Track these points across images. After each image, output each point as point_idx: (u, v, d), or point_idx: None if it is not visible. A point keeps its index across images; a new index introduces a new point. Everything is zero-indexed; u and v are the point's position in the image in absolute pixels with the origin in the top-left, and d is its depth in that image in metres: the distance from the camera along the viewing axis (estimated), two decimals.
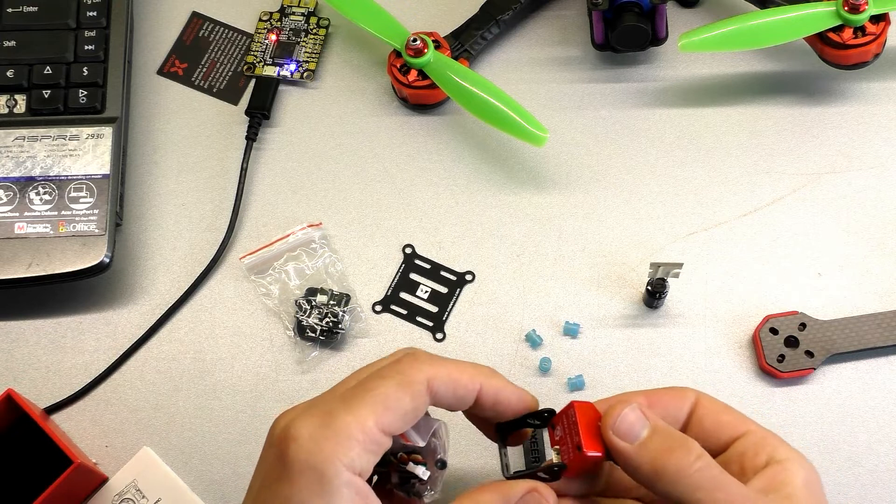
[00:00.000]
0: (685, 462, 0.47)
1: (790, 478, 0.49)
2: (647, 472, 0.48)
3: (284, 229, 0.74)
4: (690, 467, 0.47)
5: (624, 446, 0.48)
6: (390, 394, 0.47)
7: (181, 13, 0.83)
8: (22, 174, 0.73)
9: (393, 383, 0.48)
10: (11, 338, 0.73)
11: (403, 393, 0.48)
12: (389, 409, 0.47)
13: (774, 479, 0.49)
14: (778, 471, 0.49)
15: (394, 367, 0.49)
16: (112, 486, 0.68)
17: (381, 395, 0.47)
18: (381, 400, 0.47)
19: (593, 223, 0.74)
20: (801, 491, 0.48)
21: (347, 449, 0.45)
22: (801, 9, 0.72)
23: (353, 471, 0.46)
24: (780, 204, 0.74)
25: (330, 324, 0.70)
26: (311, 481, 0.45)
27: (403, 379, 0.48)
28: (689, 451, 0.47)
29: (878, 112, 0.76)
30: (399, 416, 0.47)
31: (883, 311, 0.69)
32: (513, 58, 0.80)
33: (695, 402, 0.52)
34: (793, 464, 0.49)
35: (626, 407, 0.49)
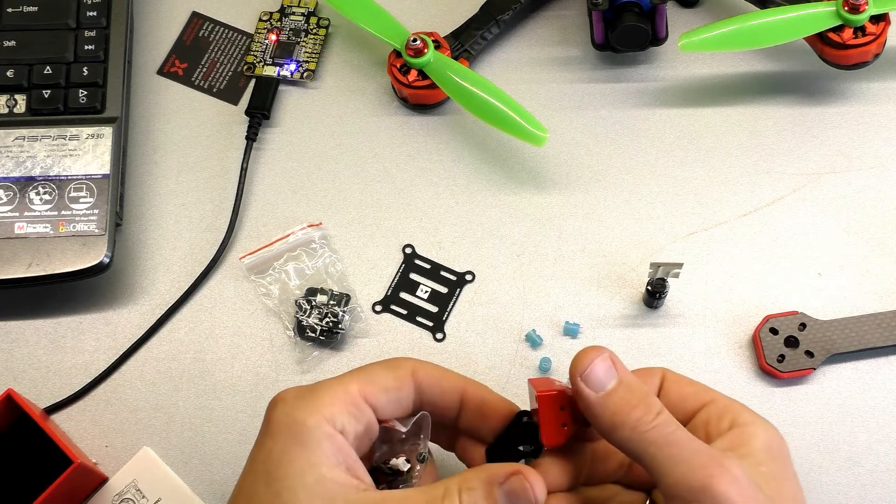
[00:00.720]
0: (644, 418, 0.48)
1: (750, 438, 0.50)
2: (607, 423, 0.49)
3: (284, 229, 0.74)
4: (648, 424, 0.48)
5: (589, 394, 0.49)
6: (375, 370, 0.51)
7: (181, 13, 0.83)
8: (22, 174, 0.73)
9: (379, 364, 0.52)
10: (11, 338, 0.73)
11: (388, 372, 0.51)
12: (373, 382, 0.50)
13: (735, 440, 0.50)
14: (739, 433, 0.50)
15: (383, 361, 0.53)
16: (112, 486, 0.68)
17: (366, 372, 0.51)
18: (366, 374, 0.51)
19: (593, 223, 0.74)
20: (761, 451, 0.49)
21: (329, 405, 0.48)
22: (801, 9, 0.72)
23: (333, 426, 0.48)
24: (780, 204, 0.74)
25: (330, 324, 0.70)
26: (292, 433, 0.47)
27: (390, 362, 0.52)
28: (650, 408, 0.49)
29: (878, 112, 0.76)
30: (381, 388, 0.50)
31: (883, 311, 0.69)
32: (513, 58, 0.80)
33: (662, 377, 0.54)
34: (755, 427, 0.50)
35: (597, 356, 0.50)
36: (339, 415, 0.48)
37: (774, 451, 0.50)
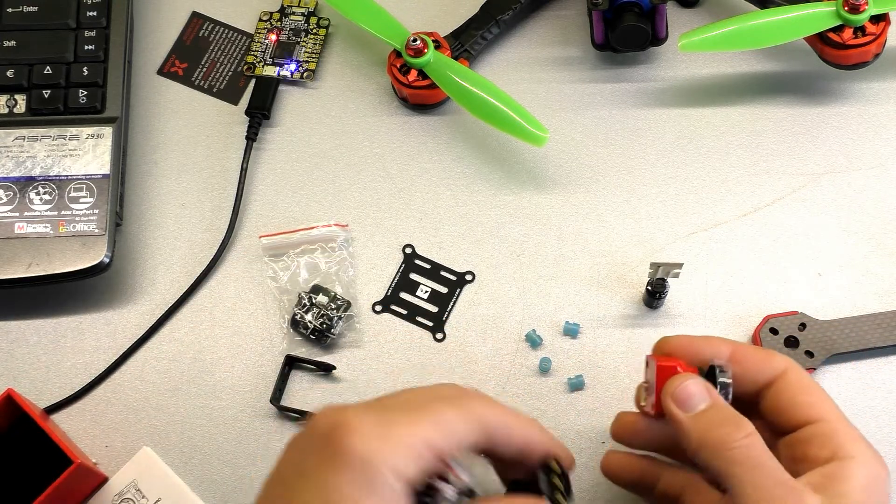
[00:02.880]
0: (731, 436, 0.47)
1: (847, 477, 0.47)
2: (694, 441, 0.48)
3: (284, 229, 0.74)
4: (735, 441, 0.47)
5: (678, 414, 0.49)
6: (448, 416, 0.47)
7: (181, 13, 0.83)
8: (22, 174, 0.73)
9: (451, 407, 0.48)
10: (11, 338, 0.73)
11: (460, 419, 0.47)
12: (443, 430, 0.47)
13: (830, 476, 0.47)
14: (837, 468, 0.48)
15: (455, 392, 0.49)
16: (112, 486, 0.67)
17: (439, 415, 0.47)
18: (439, 420, 0.47)
19: (593, 223, 0.74)
20: (857, 493, 0.47)
21: (400, 455, 0.45)
22: (801, 9, 0.72)
23: (402, 478, 0.45)
24: (780, 204, 0.74)
25: (323, 325, 0.70)
26: (362, 475, 0.44)
27: (462, 405, 0.48)
28: (739, 428, 0.47)
29: (878, 112, 0.76)
30: (450, 438, 0.47)
31: (883, 311, 0.69)
32: (513, 58, 0.80)
33: (781, 373, 0.51)
34: (856, 463, 0.48)
35: (690, 378, 0.49)
36: (411, 465, 0.45)
37: (872, 493, 0.48)
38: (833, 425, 0.50)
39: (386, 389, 0.70)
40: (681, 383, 0.49)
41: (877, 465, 0.49)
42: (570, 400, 0.69)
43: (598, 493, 0.65)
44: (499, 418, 0.49)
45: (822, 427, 0.49)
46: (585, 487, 0.66)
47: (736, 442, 0.47)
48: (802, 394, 0.50)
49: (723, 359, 0.52)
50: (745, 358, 0.52)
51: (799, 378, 0.51)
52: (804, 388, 0.51)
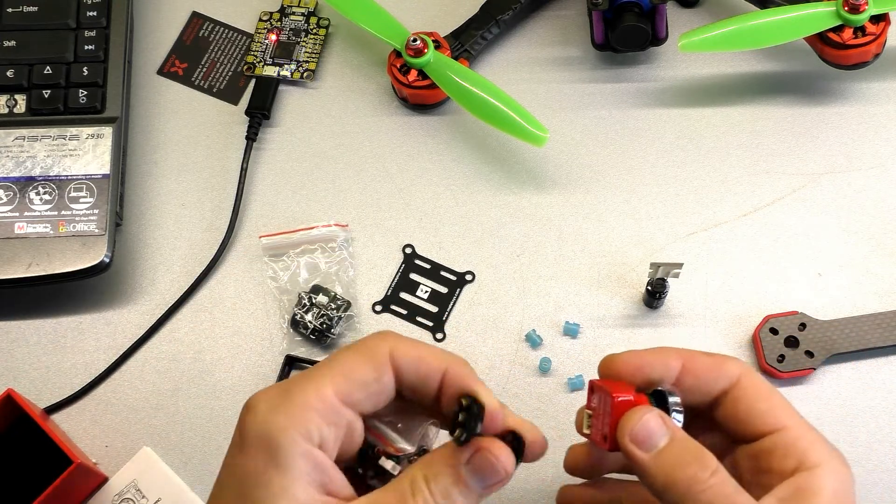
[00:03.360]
0: (699, 477, 0.45)
1: (816, 490, 0.46)
2: (660, 483, 0.46)
3: (284, 229, 0.74)
4: (703, 483, 0.45)
5: (639, 455, 0.47)
6: (350, 363, 0.46)
7: (181, 13, 0.83)
8: (22, 174, 0.73)
9: (353, 353, 0.47)
10: (11, 338, 0.73)
11: (364, 362, 0.46)
12: (349, 378, 0.46)
13: (801, 490, 0.46)
14: (804, 480, 0.46)
15: (359, 342, 0.48)
16: (112, 486, 0.68)
17: (341, 365, 0.46)
18: (340, 369, 0.46)
19: (593, 223, 0.74)
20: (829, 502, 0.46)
21: (304, 419, 0.44)
22: (801, 9, 0.72)
23: (310, 441, 0.44)
24: (780, 204, 0.74)
25: (324, 325, 0.70)
26: (266, 451, 0.44)
27: (365, 350, 0.47)
28: (705, 467, 0.46)
29: (878, 112, 0.76)
30: (359, 385, 0.46)
31: (883, 311, 0.69)
32: (513, 58, 0.80)
33: (735, 381, 0.49)
34: (822, 471, 0.47)
35: (647, 413, 0.47)
36: (315, 427, 0.44)
37: (842, 499, 0.46)
38: (794, 433, 0.48)
39: None
40: (638, 421, 0.47)
41: (842, 467, 0.48)
42: (570, 400, 0.69)
43: None
44: (407, 352, 0.47)
45: (783, 436, 0.48)
46: None
47: (704, 483, 0.45)
48: (760, 401, 0.48)
49: (674, 372, 0.49)
50: (697, 368, 0.49)
51: (754, 384, 0.49)
52: (761, 395, 0.49)
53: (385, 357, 0.47)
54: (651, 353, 0.50)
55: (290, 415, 0.44)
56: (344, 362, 0.46)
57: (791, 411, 0.49)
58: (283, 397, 0.45)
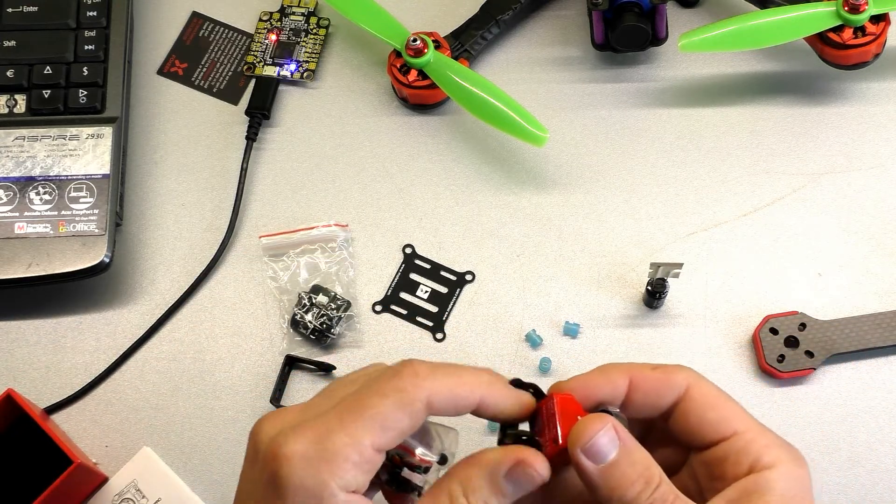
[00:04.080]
0: (643, 494, 0.46)
1: (766, 489, 0.46)
2: (605, 495, 0.46)
3: (284, 229, 0.74)
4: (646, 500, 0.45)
5: (589, 467, 0.46)
6: (388, 414, 0.45)
7: (181, 13, 0.83)
8: (22, 174, 0.73)
9: (391, 403, 0.45)
10: (11, 338, 0.73)
11: (402, 413, 0.45)
12: (387, 429, 0.45)
13: (749, 490, 0.46)
14: (755, 481, 0.46)
15: (393, 384, 0.46)
16: (112, 486, 0.68)
17: (380, 416, 0.45)
18: (379, 420, 0.45)
19: (593, 223, 0.74)
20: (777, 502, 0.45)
21: (343, 471, 0.44)
22: (801, 9, 0.72)
23: (348, 490, 0.44)
24: (780, 204, 0.74)
25: (324, 325, 0.70)
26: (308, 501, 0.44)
27: (403, 398, 0.45)
28: (649, 482, 0.46)
29: (878, 112, 0.76)
30: (396, 435, 0.45)
31: (883, 311, 0.69)
32: (513, 58, 0.80)
33: (682, 392, 0.48)
34: (775, 472, 0.46)
35: (600, 428, 0.46)
36: (353, 477, 0.44)
37: (794, 499, 0.46)
38: (746, 437, 0.47)
39: None
40: (591, 435, 0.46)
41: (796, 468, 0.47)
42: None
43: None
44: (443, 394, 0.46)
45: (736, 442, 0.47)
46: None
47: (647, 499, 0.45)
48: (709, 410, 0.48)
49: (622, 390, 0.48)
50: (644, 383, 0.48)
51: (703, 394, 0.48)
52: (710, 404, 0.48)
53: (422, 405, 0.46)
54: (596, 375, 0.49)
55: (331, 469, 0.44)
56: (379, 410, 0.45)
57: (743, 416, 0.48)
58: (319, 445, 0.44)
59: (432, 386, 0.46)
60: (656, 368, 0.49)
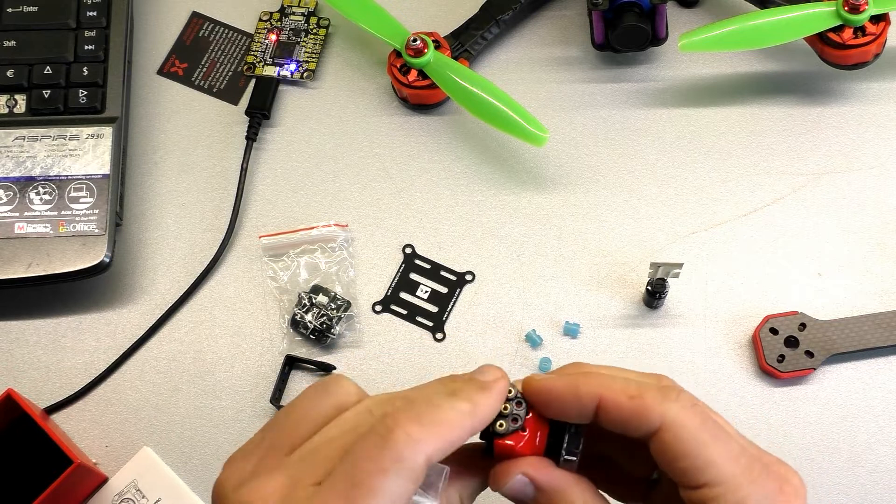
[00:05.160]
0: None
1: None
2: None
3: (284, 229, 0.74)
4: None
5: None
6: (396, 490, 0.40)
7: (181, 13, 0.83)
8: (22, 174, 0.73)
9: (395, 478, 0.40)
10: (11, 338, 0.73)
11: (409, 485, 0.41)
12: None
13: None
14: None
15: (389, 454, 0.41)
16: (112, 486, 0.68)
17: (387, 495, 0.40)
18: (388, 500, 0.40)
19: (593, 223, 0.74)
20: None
21: None
22: (801, 9, 0.72)
23: None
24: (780, 204, 0.74)
25: (324, 325, 0.70)
26: None
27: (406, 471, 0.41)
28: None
29: (878, 112, 0.76)
30: None
31: (883, 311, 0.69)
32: (513, 58, 0.80)
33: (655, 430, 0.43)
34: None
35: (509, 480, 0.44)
36: None
37: None
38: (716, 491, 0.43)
39: (386, 389, 0.69)
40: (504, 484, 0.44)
41: None
42: None
43: None
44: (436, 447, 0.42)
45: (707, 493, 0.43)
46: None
47: None
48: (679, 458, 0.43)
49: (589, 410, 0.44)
50: (613, 411, 0.44)
51: (675, 437, 0.43)
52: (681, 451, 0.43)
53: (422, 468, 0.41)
54: (565, 389, 0.45)
55: None
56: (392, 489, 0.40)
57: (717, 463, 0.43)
58: None
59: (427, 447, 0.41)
60: (633, 396, 0.43)
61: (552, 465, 0.45)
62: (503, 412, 0.45)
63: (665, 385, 0.44)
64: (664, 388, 0.44)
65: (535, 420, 0.45)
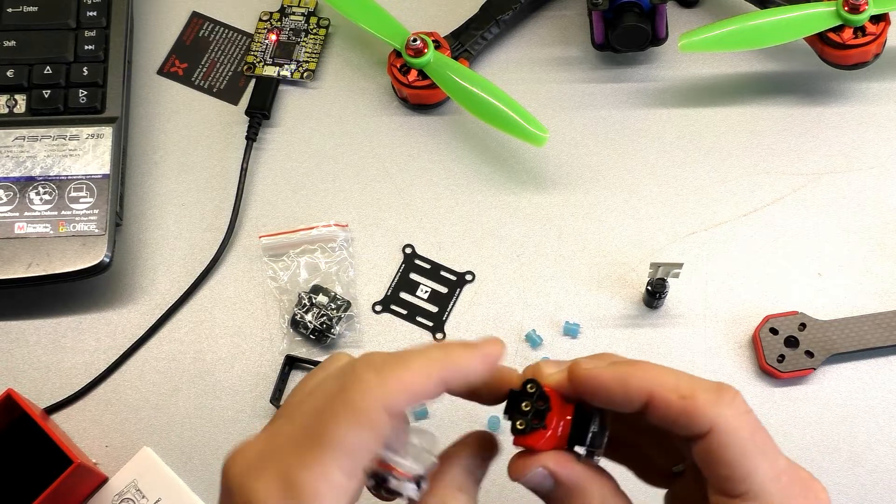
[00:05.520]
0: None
1: None
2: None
3: (284, 229, 0.74)
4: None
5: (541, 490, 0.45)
6: (348, 437, 0.41)
7: (181, 13, 0.83)
8: (22, 174, 0.73)
9: (348, 424, 0.41)
10: (11, 338, 0.73)
11: (363, 431, 0.41)
12: (353, 454, 0.42)
13: None
14: None
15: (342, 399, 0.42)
16: (112, 486, 0.68)
17: (340, 444, 0.41)
18: (341, 448, 0.41)
19: (593, 223, 0.74)
20: None
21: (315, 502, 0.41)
22: (801, 9, 0.72)
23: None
24: (780, 204, 0.74)
25: (324, 325, 0.70)
26: None
27: (358, 416, 0.41)
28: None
29: (878, 112, 0.76)
30: (365, 453, 0.42)
31: (883, 311, 0.69)
32: (513, 58, 0.80)
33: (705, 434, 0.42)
34: None
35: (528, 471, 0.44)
36: None
37: None
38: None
39: None
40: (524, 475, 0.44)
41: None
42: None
43: None
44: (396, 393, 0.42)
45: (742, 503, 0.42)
46: None
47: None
48: (722, 466, 0.42)
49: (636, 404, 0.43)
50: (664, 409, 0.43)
51: (721, 444, 0.42)
52: (725, 460, 0.42)
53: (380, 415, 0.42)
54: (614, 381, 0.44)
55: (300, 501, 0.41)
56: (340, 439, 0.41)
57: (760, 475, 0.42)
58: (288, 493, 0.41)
59: (384, 392, 0.42)
60: (685, 396, 0.42)
61: (573, 460, 0.45)
62: (524, 409, 0.44)
63: (720, 386, 0.43)
64: (719, 390, 0.43)
65: (559, 408, 0.45)
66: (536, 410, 0.44)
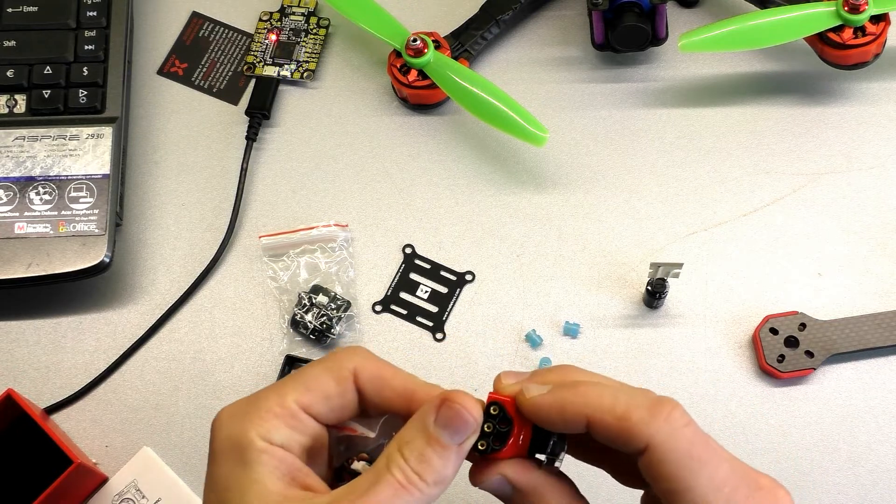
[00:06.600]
0: None
1: None
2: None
3: (284, 229, 0.74)
4: None
5: None
6: (314, 375, 0.47)
7: (181, 13, 0.83)
8: (22, 174, 0.73)
9: (319, 367, 0.48)
10: (11, 338, 0.73)
11: (327, 376, 0.47)
12: (311, 389, 0.47)
13: None
14: None
15: (328, 355, 0.49)
16: (112, 486, 0.68)
17: (305, 377, 0.47)
18: (304, 381, 0.47)
19: (593, 223, 0.74)
20: None
21: (263, 420, 0.46)
22: (801, 9, 0.72)
23: (271, 441, 0.45)
24: (780, 204, 0.74)
25: (324, 325, 0.70)
26: (232, 454, 0.46)
27: (331, 365, 0.48)
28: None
29: (878, 112, 0.76)
30: (321, 396, 0.47)
31: (883, 311, 0.69)
32: (513, 58, 0.80)
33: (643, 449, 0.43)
34: None
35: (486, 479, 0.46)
36: (275, 430, 0.46)
37: None
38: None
39: None
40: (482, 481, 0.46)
41: None
42: None
43: None
44: (371, 372, 0.48)
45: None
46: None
47: None
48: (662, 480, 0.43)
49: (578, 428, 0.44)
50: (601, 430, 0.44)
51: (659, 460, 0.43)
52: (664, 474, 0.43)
53: (349, 373, 0.47)
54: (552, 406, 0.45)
55: (252, 419, 0.46)
56: (308, 375, 0.48)
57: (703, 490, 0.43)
58: (245, 407, 0.47)
59: (363, 364, 0.48)
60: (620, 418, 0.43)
61: (532, 467, 0.46)
62: (486, 430, 0.46)
63: (656, 403, 0.44)
64: (654, 407, 0.43)
65: (520, 418, 0.46)
66: (498, 432, 0.46)
